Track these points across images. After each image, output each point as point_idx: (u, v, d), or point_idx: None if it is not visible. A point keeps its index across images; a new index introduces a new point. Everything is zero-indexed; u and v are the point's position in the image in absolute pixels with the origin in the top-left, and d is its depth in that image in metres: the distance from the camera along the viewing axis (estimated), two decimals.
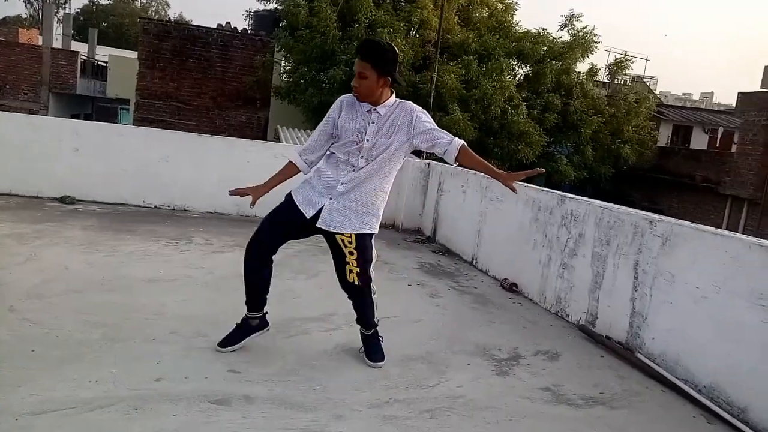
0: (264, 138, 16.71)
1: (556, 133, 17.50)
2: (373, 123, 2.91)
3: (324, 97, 14.32)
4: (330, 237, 3.03)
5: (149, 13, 54.57)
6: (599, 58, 26.64)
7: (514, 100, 15.80)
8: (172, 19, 49.37)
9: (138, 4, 56.81)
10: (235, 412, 2.46)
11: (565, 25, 17.76)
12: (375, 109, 2.92)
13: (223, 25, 19.76)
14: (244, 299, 3.08)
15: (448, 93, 14.85)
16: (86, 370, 2.67)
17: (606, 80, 21.08)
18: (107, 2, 55.94)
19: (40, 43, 21.74)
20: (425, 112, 3.05)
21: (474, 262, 5.79)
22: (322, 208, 2.94)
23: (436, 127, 3.00)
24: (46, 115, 18.85)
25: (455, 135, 3.04)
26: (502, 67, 15.47)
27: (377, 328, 3.26)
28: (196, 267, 4.62)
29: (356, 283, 3.08)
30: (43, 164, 6.64)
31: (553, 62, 16.90)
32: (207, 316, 3.53)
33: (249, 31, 19.82)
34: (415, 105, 3.05)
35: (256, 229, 3.01)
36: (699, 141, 23.03)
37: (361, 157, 2.93)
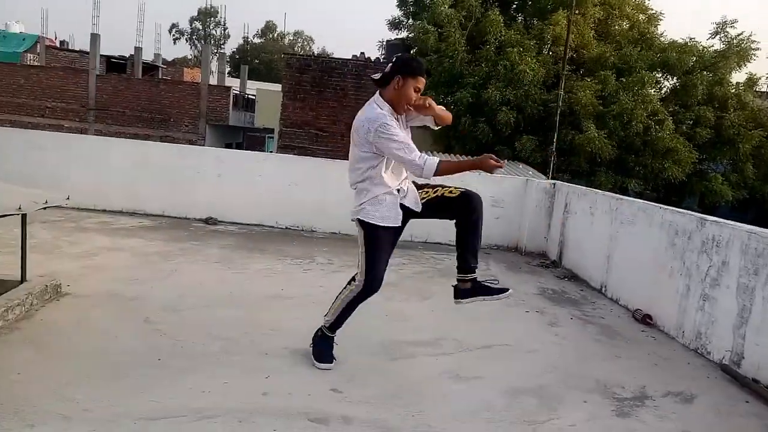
0: None
1: (709, 149, 15.92)
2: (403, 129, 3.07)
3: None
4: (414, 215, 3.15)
5: (295, 48, 58.76)
6: (760, 67, 23.88)
7: (658, 114, 14.66)
8: (315, 53, 52.83)
9: (286, 41, 61.44)
10: None
11: (716, 33, 16.25)
12: (401, 118, 3.08)
13: (358, 55, 20.71)
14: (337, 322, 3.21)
15: (582, 110, 14.15)
16: (202, 381, 2.85)
17: None
18: (259, 41, 61.20)
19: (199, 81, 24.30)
20: None
21: (603, 289, 5.38)
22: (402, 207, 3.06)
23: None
24: (203, 145, 20.91)
25: (591, 153, 3.02)
26: (644, 80, 14.45)
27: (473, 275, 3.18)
28: (314, 286, 4.79)
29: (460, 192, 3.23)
30: (190, 188, 7.34)
31: (704, 73, 15.47)
32: None
33: (381, 60, 20.54)
34: None
35: (377, 269, 3.03)
36: None
37: None
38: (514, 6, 17.32)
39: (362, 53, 20.86)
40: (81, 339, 3.28)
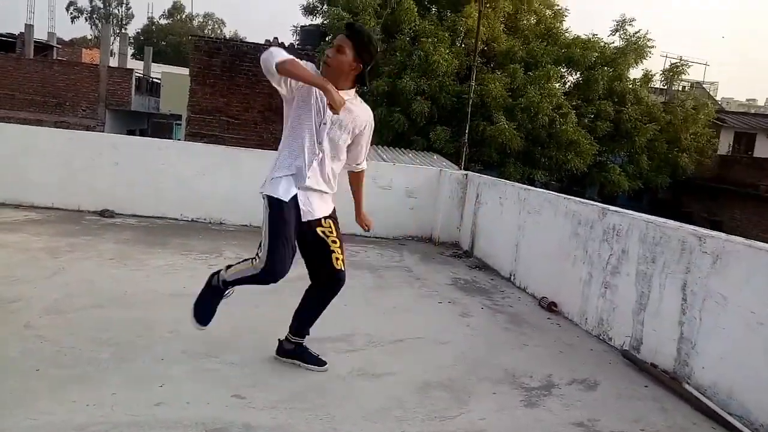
0: None
1: (609, 141, 16.87)
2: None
3: None
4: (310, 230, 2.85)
5: (205, 31, 56.46)
6: (655, 64, 25.61)
7: (562, 108, 15.32)
8: (227, 36, 50.96)
9: (195, 23, 58.88)
10: None
11: (617, 30, 17.21)
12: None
13: (271, 40, 20.11)
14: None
15: (493, 102, 14.53)
16: (87, 392, 2.57)
17: (662, 87, 20.23)
18: (166, 22, 58.25)
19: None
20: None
21: (512, 278, 5.49)
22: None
23: (368, 146, 3.02)
24: (103, 131, 19.60)
25: (501, 144, 2.91)
26: (550, 74, 15.05)
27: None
28: None
29: (342, 268, 2.92)
30: (83, 178, 6.78)
31: (605, 69, 16.34)
32: (221, 335, 3.39)
33: (296, 46, 20.09)
34: (371, 114, 2.98)
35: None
36: (764, 149, 21.74)
37: (319, 142, 2.79)
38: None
39: (275, 38, 20.26)
40: None
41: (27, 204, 6.68)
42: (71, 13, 55.87)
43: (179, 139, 20.46)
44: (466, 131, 12.68)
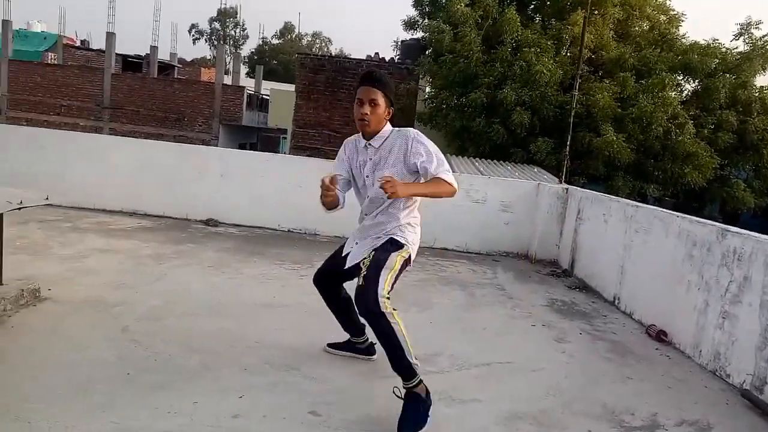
0: None
1: (732, 154, 15.42)
2: (370, 159, 2.84)
3: (465, 122, 14.08)
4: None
5: (313, 50, 58.80)
6: None
7: (678, 118, 14.21)
8: (332, 54, 52.79)
9: (303, 42, 61.55)
10: None
11: (740, 34, 15.74)
12: (369, 144, 2.82)
13: (372, 56, 20.51)
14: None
15: (600, 112, 13.76)
16: (171, 399, 2.63)
17: None
18: (277, 42, 61.39)
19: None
20: (421, 135, 2.81)
21: (616, 302, 5.08)
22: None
23: (430, 154, 2.73)
24: (216, 145, 20.85)
25: (609, 156, 2.66)
26: (665, 82, 14.02)
27: (416, 383, 2.60)
28: (309, 293, 4.52)
29: (361, 283, 2.61)
30: (191, 189, 7.17)
31: (727, 76, 14.97)
32: (305, 347, 3.40)
33: (396, 60, 20.32)
34: (411, 130, 2.83)
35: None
36: None
37: (367, 197, 2.85)
38: (532, 6, 16.99)
39: (377, 53, 20.69)
40: (51, 349, 3.09)
41: (141, 212, 7.17)
42: (193, 35, 60.37)
43: (285, 152, 21.31)
44: (567, 143, 12.10)
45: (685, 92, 16.23)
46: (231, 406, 2.62)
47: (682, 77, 15.62)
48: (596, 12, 14.91)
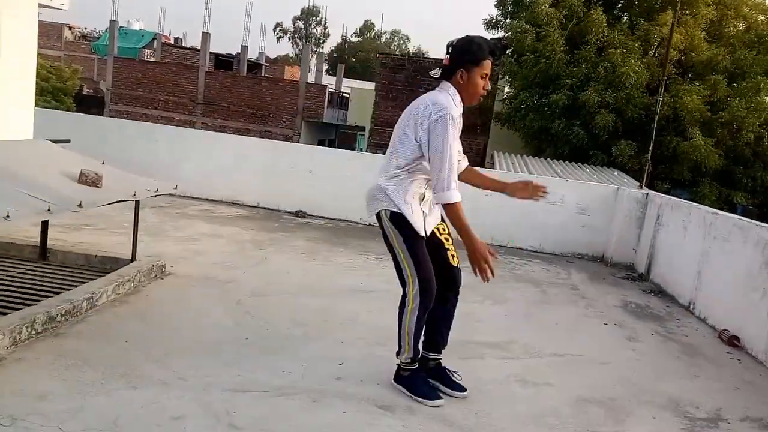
0: (482, 164, 17.00)
1: None
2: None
3: (545, 122, 14.03)
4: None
5: (391, 47, 59.50)
6: None
7: None
8: (410, 52, 53.18)
9: (383, 40, 62.34)
10: (397, 420, 2.64)
11: None
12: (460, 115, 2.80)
13: None
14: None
15: (688, 115, 13.38)
16: (283, 361, 3.10)
17: None
18: (357, 40, 62.52)
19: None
20: None
21: (691, 307, 5.16)
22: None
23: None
24: (299, 141, 21.79)
25: (695, 161, 2.77)
26: (759, 86, 13.43)
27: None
28: (392, 282, 4.94)
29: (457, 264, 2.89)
30: (283, 182, 7.78)
31: None
32: (392, 328, 3.78)
33: None
34: None
35: (425, 266, 2.80)
36: None
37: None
38: (620, 5, 16.65)
39: None
40: (181, 315, 3.66)
41: (238, 202, 7.85)
42: (277, 34, 62.61)
43: (361, 149, 21.95)
44: (650, 147, 11.88)
45: None
46: (334, 370, 3.06)
47: None
48: (687, 12, 14.46)
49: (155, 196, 4.07)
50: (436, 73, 2.77)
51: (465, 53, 2.71)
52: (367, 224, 7.55)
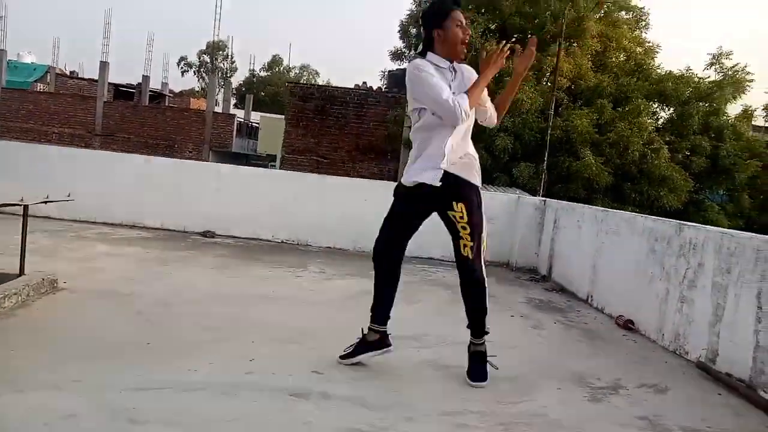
0: None
1: (706, 178, 16.09)
2: (451, 82, 2.96)
3: None
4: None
5: (301, 81, 59.83)
6: (758, 100, 24.01)
7: (654, 143, 14.89)
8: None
9: (291, 74, 62.56)
10: (311, 405, 2.58)
11: (712, 64, 16.59)
12: (453, 67, 2.98)
13: (360, 85, 21.18)
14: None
15: (579, 137, 14.39)
16: (189, 362, 2.96)
17: (767, 124, 19.14)
18: (265, 74, 62.36)
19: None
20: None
21: (589, 299, 5.48)
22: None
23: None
24: None
25: (588, 179, 3.07)
26: (640, 109, 14.74)
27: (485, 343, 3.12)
28: (306, 290, 4.92)
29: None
30: (188, 202, 7.52)
31: (700, 103, 15.75)
32: (304, 328, 3.74)
33: (383, 89, 20.98)
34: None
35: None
36: None
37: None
38: (513, 38, 17.79)
39: (364, 83, 21.34)
40: (75, 325, 3.41)
41: (140, 225, 7.49)
42: (182, 68, 61.17)
43: None
44: (545, 159, 12.67)
45: (661, 119, 16.99)
46: (244, 366, 2.95)
47: (657, 105, 16.39)
48: (575, 44, 15.68)
49: (45, 203, 3.82)
50: (420, 49, 3.00)
51: (433, 15, 2.92)
52: (280, 241, 7.45)
